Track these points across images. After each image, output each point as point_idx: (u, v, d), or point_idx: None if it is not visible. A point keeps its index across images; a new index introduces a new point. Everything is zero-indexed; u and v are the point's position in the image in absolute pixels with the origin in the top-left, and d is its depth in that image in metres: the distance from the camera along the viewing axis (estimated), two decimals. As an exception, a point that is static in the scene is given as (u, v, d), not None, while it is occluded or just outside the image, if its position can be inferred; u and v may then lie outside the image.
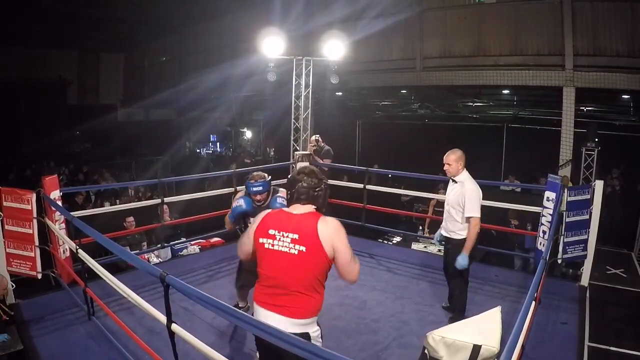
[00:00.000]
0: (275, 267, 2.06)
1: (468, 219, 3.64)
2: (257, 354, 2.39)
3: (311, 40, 9.24)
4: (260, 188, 3.28)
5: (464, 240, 3.71)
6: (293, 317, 2.07)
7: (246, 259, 2.29)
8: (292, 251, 2.03)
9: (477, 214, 3.60)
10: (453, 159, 3.77)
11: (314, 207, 2.16)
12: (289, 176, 2.33)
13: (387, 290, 4.62)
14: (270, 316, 2.07)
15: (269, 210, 2.23)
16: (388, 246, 6.42)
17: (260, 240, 2.11)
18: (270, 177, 3.41)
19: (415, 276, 5.03)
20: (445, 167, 3.81)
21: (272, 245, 2.07)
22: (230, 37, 13.12)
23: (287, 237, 2.05)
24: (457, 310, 3.88)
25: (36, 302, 4.00)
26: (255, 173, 3.39)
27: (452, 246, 3.87)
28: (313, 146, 6.77)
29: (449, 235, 3.91)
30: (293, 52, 7.11)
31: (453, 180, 3.81)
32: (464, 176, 3.76)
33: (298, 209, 2.14)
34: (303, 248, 2.02)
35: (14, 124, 14.66)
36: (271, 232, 2.08)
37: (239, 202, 3.32)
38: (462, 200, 3.66)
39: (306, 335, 2.09)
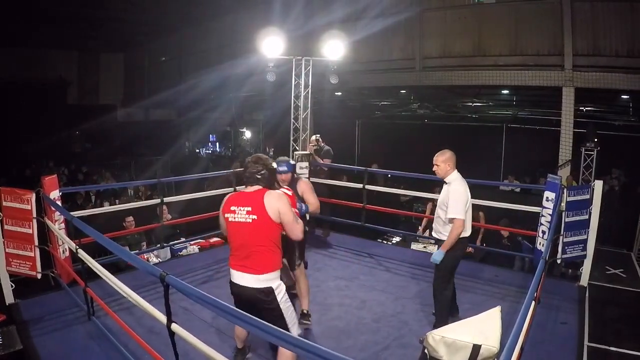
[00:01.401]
0: (238, 234, 2.65)
1: (451, 220, 3.52)
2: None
3: (311, 40, 9.23)
4: (285, 168, 3.68)
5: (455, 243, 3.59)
6: (256, 273, 2.60)
7: (225, 233, 2.77)
8: (248, 220, 2.61)
9: (459, 215, 3.47)
10: (441, 159, 3.66)
11: (261, 186, 2.71)
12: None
13: (387, 290, 4.62)
14: (239, 275, 2.64)
15: (231, 193, 2.80)
16: (388, 246, 6.42)
17: (226, 215, 2.68)
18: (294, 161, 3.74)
19: (415, 276, 5.03)
20: (434, 168, 3.72)
21: (235, 218, 2.64)
22: (230, 37, 13.12)
23: (243, 210, 2.62)
24: (437, 316, 3.72)
25: (36, 302, 3.99)
26: (281, 157, 3.83)
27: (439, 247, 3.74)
28: (313, 146, 6.77)
29: (437, 236, 3.81)
30: (293, 52, 7.11)
31: (443, 181, 3.72)
32: (453, 177, 3.65)
33: (250, 188, 2.72)
34: (255, 216, 2.60)
35: (14, 124, 14.64)
36: (232, 208, 2.66)
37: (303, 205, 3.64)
38: (447, 201, 3.57)
39: (269, 289, 2.62)
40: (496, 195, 6.99)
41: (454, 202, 3.50)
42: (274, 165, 2.83)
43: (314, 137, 6.92)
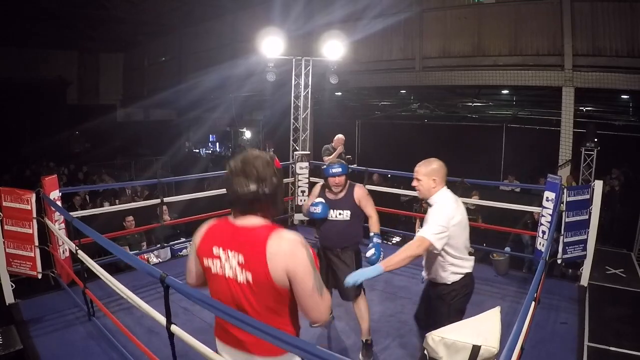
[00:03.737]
0: (226, 296, 1.60)
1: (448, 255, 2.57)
2: None
3: (311, 40, 9.25)
4: (340, 170, 3.14)
5: (448, 286, 2.65)
6: (257, 354, 1.61)
7: (191, 283, 1.78)
8: (239, 278, 1.54)
9: (428, 235, 2.45)
10: (423, 172, 2.59)
11: (260, 217, 1.59)
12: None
13: (387, 290, 4.62)
14: (232, 353, 1.68)
15: (211, 221, 1.69)
16: (387, 246, 6.42)
17: (206, 262, 1.63)
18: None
19: (415, 276, 5.00)
20: (414, 183, 2.64)
21: (217, 268, 1.59)
22: (230, 37, 13.12)
23: (233, 258, 1.55)
24: None
25: (36, 302, 3.99)
26: (332, 159, 3.38)
27: (432, 292, 2.77)
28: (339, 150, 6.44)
29: (426, 276, 2.82)
30: (293, 52, 7.11)
31: (427, 203, 2.63)
32: (438, 197, 2.58)
33: (242, 220, 1.59)
34: (250, 275, 1.52)
35: (14, 124, 14.64)
36: (215, 250, 1.59)
37: (316, 208, 3.18)
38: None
39: None
40: (496, 195, 7.00)
41: (433, 218, 2.52)
42: (274, 171, 1.60)
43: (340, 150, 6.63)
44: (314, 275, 1.53)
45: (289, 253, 1.49)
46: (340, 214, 3.27)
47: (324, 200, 3.26)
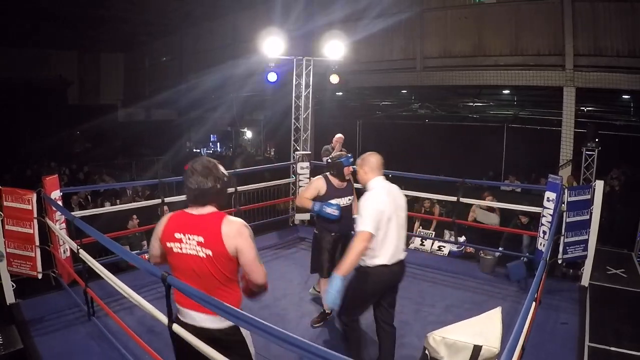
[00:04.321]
0: (188, 270, 2.04)
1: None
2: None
3: (312, 40, 9.24)
4: (353, 159, 3.61)
5: (362, 267, 2.80)
6: (211, 312, 2.01)
7: (155, 262, 2.21)
8: (201, 254, 1.99)
9: (364, 227, 2.63)
10: (357, 163, 2.92)
11: (214, 207, 2.07)
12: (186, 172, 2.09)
13: (387, 291, 4.61)
14: (197, 316, 2.07)
15: (171, 214, 2.13)
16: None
17: (168, 244, 2.05)
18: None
19: (415, 276, 5.02)
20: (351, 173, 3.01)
21: (181, 249, 2.03)
22: (231, 37, 13.13)
23: (193, 240, 2.00)
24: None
25: (36, 302, 4.00)
26: (339, 152, 3.93)
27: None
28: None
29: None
30: (293, 52, 7.11)
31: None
32: (371, 186, 2.83)
33: (198, 210, 2.05)
34: (210, 252, 1.98)
35: (14, 124, 14.66)
36: (177, 235, 2.03)
37: (334, 211, 3.58)
38: None
39: (236, 328, 2.07)
40: (497, 195, 7.00)
41: (362, 212, 2.70)
42: (224, 172, 2.10)
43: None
44: (254, 248, 2.04)
45: (237, 233, 2.00)
46: (349, 199, 3.81)
47: (339, 204, 3.66)
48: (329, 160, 3.82)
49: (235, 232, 2.00)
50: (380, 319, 3.01)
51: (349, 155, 3.80)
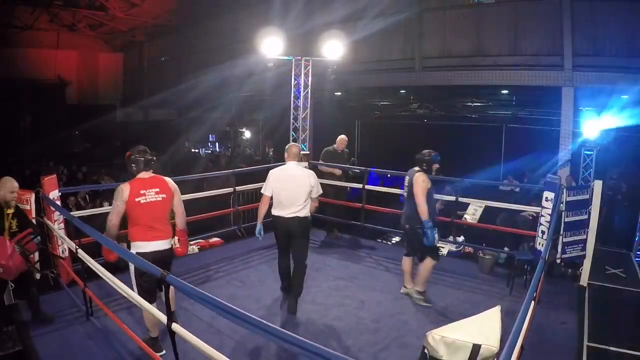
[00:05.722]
0: (151, 212, 3.12)
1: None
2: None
3: (310, 40, 9.24)
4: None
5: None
6: (166, 238, 3.20)
7: (114, 224, 3.11)
8: (158, 199, 3.15)
9: (264, 191, 4.13)
10: (286, 151, 4.22)
11: (152, 171, 3.24)
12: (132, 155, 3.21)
13: (386, 290, 4.62)
14: (154, 244, 3.12)
15: (128, 183, 3.14)
16: (387, 246, 6.42)
17: (137, 199, 3.08)
18: None
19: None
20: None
21: (146, 199, 3.10)
22: (230, 37, 13.11)
23: (152, 191, 3.14)
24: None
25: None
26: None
27: None
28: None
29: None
30: (292, 52, 7.11)
31: None
32: (285, 166, 4.17)
33: (147, 174, 3.20)
34: (164, 195, 3.19)
35: (13, 124, 14.62)
36: (142, 192, 3.11)
37: None
38: None
39: (172, 248, 3.28)
40: (495, 195, 6.98)
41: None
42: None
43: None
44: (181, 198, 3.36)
45: (175, 186, 3.32)
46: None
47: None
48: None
49: (174, 186, 3.31)
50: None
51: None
